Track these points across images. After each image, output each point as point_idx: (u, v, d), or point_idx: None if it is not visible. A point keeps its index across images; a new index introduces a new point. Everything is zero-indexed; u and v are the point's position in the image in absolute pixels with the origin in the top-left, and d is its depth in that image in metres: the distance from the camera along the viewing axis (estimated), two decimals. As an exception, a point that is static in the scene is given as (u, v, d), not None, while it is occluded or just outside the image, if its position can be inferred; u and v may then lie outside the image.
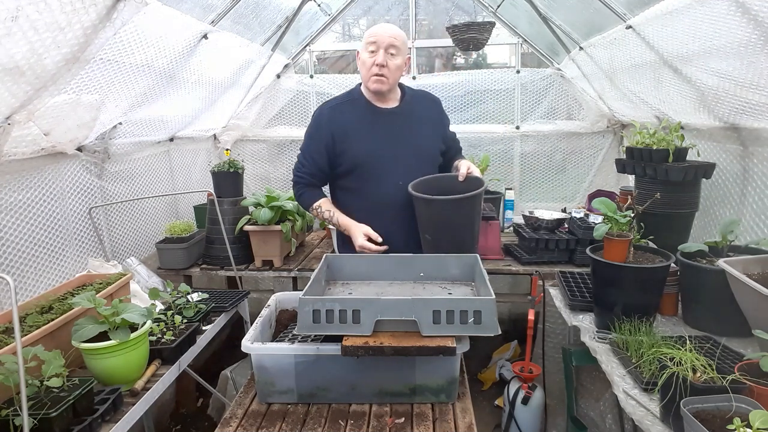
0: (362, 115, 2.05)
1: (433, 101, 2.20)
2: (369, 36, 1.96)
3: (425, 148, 2.11)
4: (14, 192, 2.01)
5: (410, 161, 2.03)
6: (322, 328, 1.36)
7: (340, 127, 2.02)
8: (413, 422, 1.37)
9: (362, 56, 1.99)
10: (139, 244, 2.92)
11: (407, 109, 2.09)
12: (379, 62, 1.92)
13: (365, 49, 1.97)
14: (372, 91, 2.02)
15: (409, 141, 2.06)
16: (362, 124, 2.04)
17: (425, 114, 2.13)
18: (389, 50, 1.94)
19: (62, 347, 1.46)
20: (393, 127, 2.05)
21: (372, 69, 1.95)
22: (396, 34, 1.95)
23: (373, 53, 1.94)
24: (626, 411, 1.42)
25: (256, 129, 4.11)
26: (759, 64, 1.69)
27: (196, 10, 2.39)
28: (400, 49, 1.97)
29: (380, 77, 1.95)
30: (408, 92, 2.14)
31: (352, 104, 2.08)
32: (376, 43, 1.93)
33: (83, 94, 2.03)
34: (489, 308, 1.33)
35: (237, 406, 1.48)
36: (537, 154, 3.97)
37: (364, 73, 2.00)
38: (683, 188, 2.19)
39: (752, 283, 1.43)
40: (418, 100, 2.15)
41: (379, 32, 1.95)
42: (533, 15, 3.18)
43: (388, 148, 2.01)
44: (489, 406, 3.17)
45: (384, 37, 1.93)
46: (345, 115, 2.05)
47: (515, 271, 2.86)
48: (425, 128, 2.11)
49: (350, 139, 2.01)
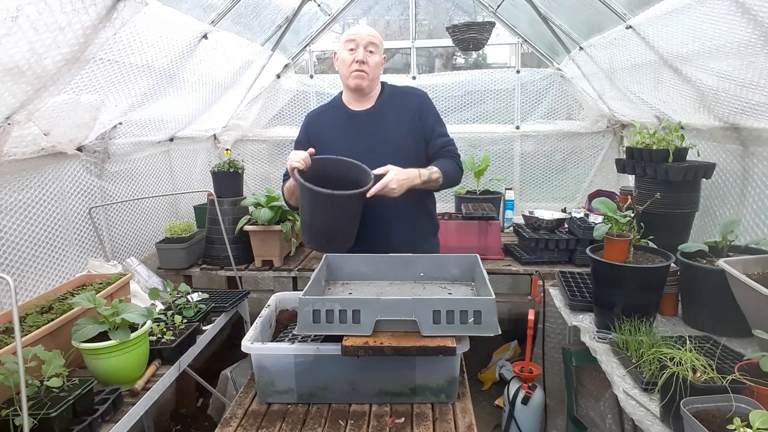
0: (336, 119, 2.09)
1: (414, 96, 2.12)
2: (348, 35, 2.00)
3: (401, 146, 2.02)
4: (14, 192, 2.01)
5: (386, 162, 1.92)
6: (322, 328, 1.36)
7: (316, 133, 2.07)
8: (413, 422, 1.37)
9: (341, 55, 2.01)
10: (139, 244, 2.92)
11: (382, 108, 2.07)
12: (359, 59, 1.95)
13: (344, 48, 2.00)
14: (352, 88, 2.02)
15: (383, 141, 2.02)
16: (335, 128, 2.07)
17: (402, 111, 2.07)
18: (368, 48, 1.97)
19: (62, 347, 1.46)
20: (365, 128, 2.04)
21: (352, 66, 1.97)
22: (373, 33, 2.00)
23: (352, 51, 1.97)
24: (626, 411, 1.42)
25: (256, 129, 4.11)
26: (759, 64, 1.69)
27: (196, 10, 2.39)
28: (378, 47, 2.01)
29: (360, 72, 1.97)
30: (387, 90, 2.12)
31: (332, 110, 2.12)
32: (355, 41, 1.96)
33: (83, 94, 2.03)
34: (489, 308, 1.33)
35: (237, 406, 1.48)
36: (537, 154, 3.97)
37: (343, 71, 2.01)
38: (683, 188, 2.19)
39: (752, 283, 1.43)
40: (396, 97, 2.11)
41: (357, 31, 1.99)
42: (533, 15, 3.18)
43: (362, 150, 1.95)
44: (489, 406, 3.17)
45: (362, 36, 1.97)
46: (323, 121, 2.10)
47: (515, 271, 2.86)
48: (401, 126, 2.05)
49: (324, 143, 2.01)
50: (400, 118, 2.06)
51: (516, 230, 3.09)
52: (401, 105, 2.09)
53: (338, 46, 2.04)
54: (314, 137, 2.06)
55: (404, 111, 2.07)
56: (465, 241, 2.00)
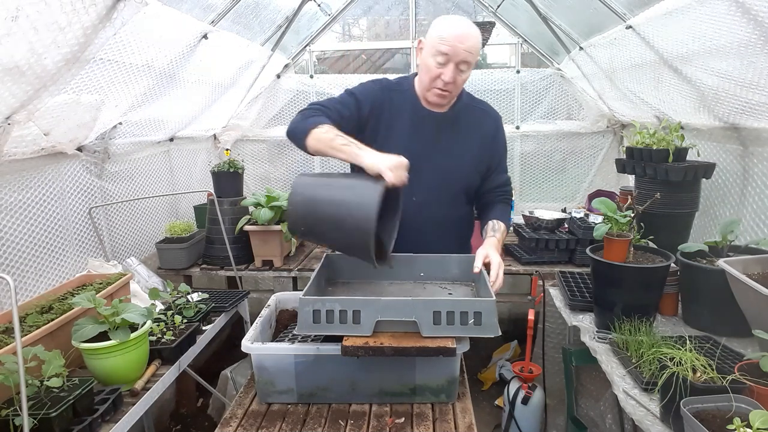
0: (402, 109, 1.78)
1: (492, 118, 1.87)
2: (442, 41, 1.61)
3: (462, 167, 1.79)
4: (14, 192, 2.01)
5: (435, 178, 1.76)
6: (322, 328, 1.36)
7: (377, 111, 1.77)
8: (413, 422, 1.37)
9: (427, 60, 1.66)
10: (139, 244, 2.92)
11: (455, 119, 1.80)
12: (448, 79, 1.63)
13: (433, 54, 1.64)
14: (431, 103, 1.76)
15: (446, 155, 1.78)
16: (397, 120, 1.77)
17: (476, 130, 1.82)
18: (460, 66, 1.64)
19: (62, 347, 1.46)
20: (429, 134, 1.78)
21: (436, 82, 1.66)
22: (473, 47, 1.62)
23: (441, 65, 1.63)
24: (626, 411, 1.42)
25: (256, 129, 4.11)
26: (759, 64, 1.69)
27: (196, 10, 2.39)
28: (471, 64, 1.66)
29: (444, 92, 1.69)
30: (465, 99, 1.84)
31: (400, 94, 1.80)
32: (448, 55, 1.61)
33: (83, 94, 2.04)
34: (489, 309, 1.33)
35: (237, 406, 1.48)
36: (537, 154, 3.98)
37: (425, 79, 1.70)
38: (683, 188, 2.19)
39: (752, 283, 1.43)
40: (474, 112, 1.84)
41: (454, 42, 1.60)
42: (533, 15, 3.18)
43: (415, 156, 1.59)
44: (489, 406, 3.17)
45: (459, 51, 1.60)
46: (392, 103, 1.79)
47: (515, 271, 2.86)
48: (471, 145, 1.80)
49: (380, 128, 1.77)
50: (472, 137, 1.81)
51: (516, 230, 3.09)
52: (477, 123, 1.83)
53: (427, 41, 1.68)
54: (373, 112, 1.76)
55: (478, 131, 1.82)
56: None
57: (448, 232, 1.87)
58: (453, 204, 1.86)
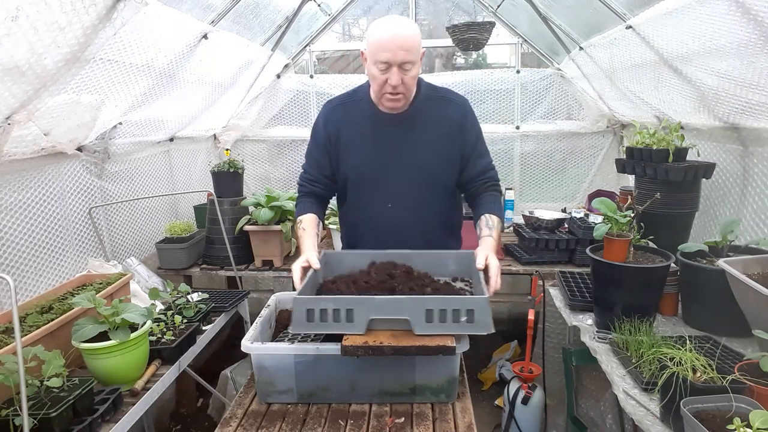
0: (360, 120, 1.78)
1: (456, 105, 1.82)
2: (378, 50, 1.58)
3: (427, 165, 1.76)
4: (14, 192, 2.01)
5: (405, 182, 1.74)
6: (315, 327, 1.36)
7: (335, 129, 1.79)
8: (413, 422, 1.37)
9: (371, 70, 1.65)
10: (139, 244, 2.92)
11: (416, 115, 1.76)
12: (393, 83, 1.61)
13: (374, 62, 1.62)
14: (387, 109, 1.74)
15: (413, 157, 1.75)
16: (356, 131, 1.78)
17: (440, 122, 1.77)
18: (404, 66, 1.60)
19: (62, 347, 1.46)
20: (392, 137, 1.76)
21: (385, 88, 1.64)
22: (411, 46, 1.59)
23: (384, 72, 1.61)
24: (626, 411, 1.42)
25: (256, 129, 4.11)
26: (759, 64, 1.69)
27: (196, 10, 2.39)
28: (415, 60, 1.62)
29: (396, 96, 1.66)
30: (424, 92, 1.79)
31: (357, 105, 1.80)
32: (388, 62, 1.59)
33: (83, 94, 2.04)
34: (481, 307, 1.32)
35: (237, 406, 1.48)
36: (537, 154, 3.98)
37: (375, 87, 1.69)
38: (683, 188, 2.19)
39: (752, 283, 1.43)
40: (436, 103, 1.79)
41: (390, 47, 1.57)
42: (533, 15, 3.18)
43: (380, 164, 1.69)
44: (489, 406, 3.16)
45: (398, 53, 1.57)
46: (342, 118, 1.80)
47: (515, 271, 2.86)
48: (437, 140, 1.76)
49: (342, 147, 1.78)
50: (438, 130, 1.77)
51: (516, 230, 3.09)
52: (440, 115, 1.78)
53: (366, 51, 1.65)
54: (333, 135, 1.78)
55: (443, 122, 1.78)
56: (465, 240, 1.99)
57: (432, 228, 1.85)
58: (431, 201, 1.82)
